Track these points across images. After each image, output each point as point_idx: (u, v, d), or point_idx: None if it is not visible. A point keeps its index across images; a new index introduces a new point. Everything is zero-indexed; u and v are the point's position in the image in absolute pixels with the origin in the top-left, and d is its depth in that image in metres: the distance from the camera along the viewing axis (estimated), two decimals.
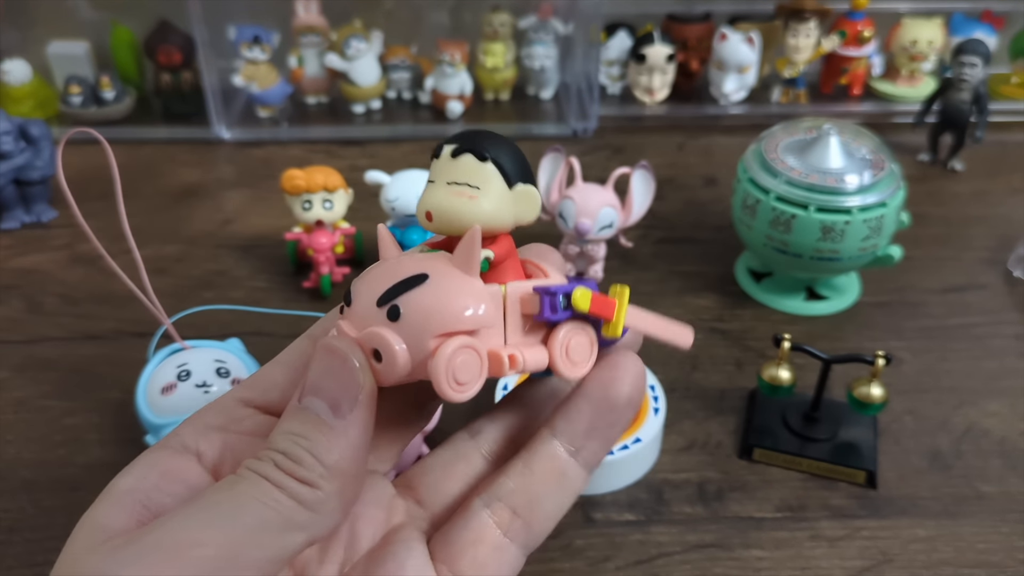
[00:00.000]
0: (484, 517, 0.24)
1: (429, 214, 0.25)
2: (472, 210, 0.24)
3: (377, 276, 0.24)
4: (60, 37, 0.81)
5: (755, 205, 0.53)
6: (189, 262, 0.61)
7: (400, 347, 0.23)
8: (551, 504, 0.25)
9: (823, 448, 0.45)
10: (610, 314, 0.25)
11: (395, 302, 0.23)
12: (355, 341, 0.23)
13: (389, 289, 0.23)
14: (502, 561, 0.24)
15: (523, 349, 0.24)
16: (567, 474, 0.25)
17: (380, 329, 0.23)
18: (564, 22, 0.81)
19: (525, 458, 0.25)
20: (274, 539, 0.21)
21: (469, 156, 0.24)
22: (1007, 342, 0.54)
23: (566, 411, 0.25)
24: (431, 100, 0.82)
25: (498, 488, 0.25)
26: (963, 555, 0.41)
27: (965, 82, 0.69)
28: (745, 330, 0.55)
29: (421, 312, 0.23)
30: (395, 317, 0.23)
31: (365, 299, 0.24)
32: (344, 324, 0.24)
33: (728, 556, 0.41)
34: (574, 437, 0.25)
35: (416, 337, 0.23)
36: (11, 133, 0.62)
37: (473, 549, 0.24)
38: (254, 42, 0.75)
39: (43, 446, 0.46)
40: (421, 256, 0.25)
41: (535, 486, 0.25)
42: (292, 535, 0.21)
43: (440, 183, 0.25)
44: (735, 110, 0.82)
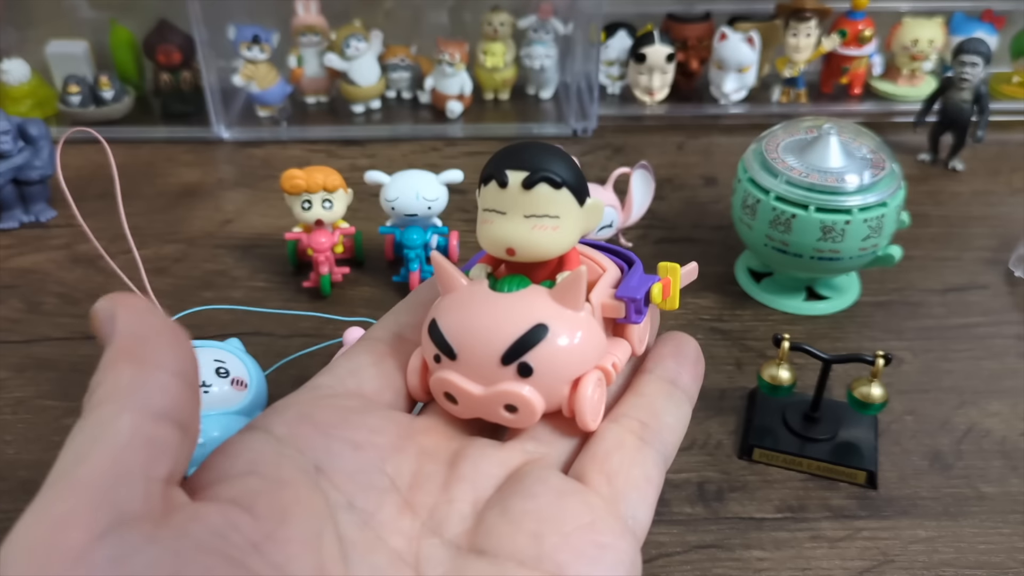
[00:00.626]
0: (616, 429, 0.25)
1: (512, 250, 0.25)
2: (558, 242, 0.25)
3: (480, 323, 0.24)
4: (59, 36, 0.81)
5: (755, 205, 0.53)
6: (188, 262, 0.61)
7: (538, 401, 0.24)
8: (671, 416, 0.26)
9: (823, 448, 0.45)
10: (669, 294, 0.27)
11: (524, 360, 0.24)
12: (483, 398, 0.24)
13: (513, 346, 0.24)
14: (648, 460, 0.25)
15: (617, 352, 0.26)
16: (674, 395, 0.27)
17: (515, 388, 0.24)
18: (564, 22, 0.81)
19: (633, 389, 0.27)
20: None
21: (544, 186, 0.24)
22: (1008, 342, 0.54)
23: (650, 359, 0.28)
24: (431, 100, 0.82)
25: (619, 410, 0.26)
26: (964, 556, 0.41)
27: (966, 82, 0.69)
28: (745, 330, 0.55)
29: (553, 366, 0.24)
30: (528, 374, 0.24)
31: (481, 355, 0.24)
32: (457, 379, 0.24)
33: (728, 556, 0.41)
34: (667, 371, 0.27)
35: (550, 387, 0.24)
36: (10, 133, 0.61)
37: (619, 451, 0.24)
38: (253, 42, 0.75)
39: (42, 446, 0.46)
40: (521, 298, 0.25)
41: (651, 403, 0.26)
42: None
43: (515, 215, 0.24)
44: (735, 110, 0.82)
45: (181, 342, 0.21)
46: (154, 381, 0.20)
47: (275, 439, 0.23)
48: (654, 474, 0.25)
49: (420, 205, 0.56)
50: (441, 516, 0.23)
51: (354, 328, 0.49)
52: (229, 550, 0.18)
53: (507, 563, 0.21)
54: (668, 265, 0.27)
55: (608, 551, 0.22)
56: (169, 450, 0.19)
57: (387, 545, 0.22)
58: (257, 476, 0.21)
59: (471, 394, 0.24)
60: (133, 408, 0.19)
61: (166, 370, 0.20)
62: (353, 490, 0.22)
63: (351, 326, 0.49)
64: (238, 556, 0.18)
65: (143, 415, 0.19)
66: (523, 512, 0.22)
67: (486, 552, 0.22)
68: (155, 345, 0.20)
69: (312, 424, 0.23)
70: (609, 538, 0.22)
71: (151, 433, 0.19)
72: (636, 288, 0.26)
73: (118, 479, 0.18)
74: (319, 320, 0.54)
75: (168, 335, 0.21)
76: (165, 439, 0.19)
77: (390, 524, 0.22)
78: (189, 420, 0.20)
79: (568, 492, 0.23)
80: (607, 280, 0.27)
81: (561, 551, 0.21)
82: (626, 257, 0.28)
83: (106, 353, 0.20)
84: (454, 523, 0.23)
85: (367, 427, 0.24)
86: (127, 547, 0.17)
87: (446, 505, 0.23)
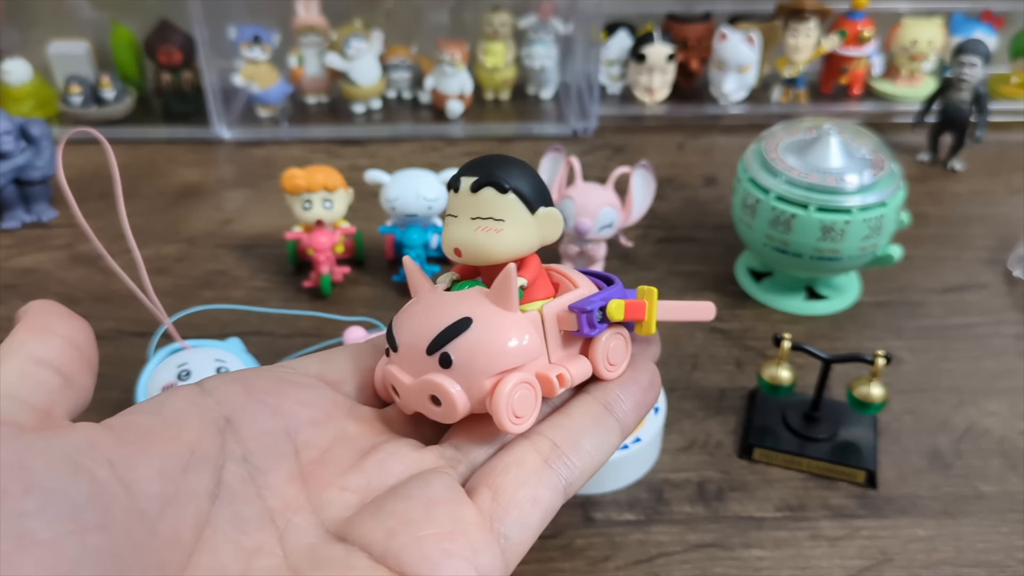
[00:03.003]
0: (525, 446, 0.25)
1: (458, 250, 0.26)
2: (499, 243, 0.25)
3: (418, 319, 0.25)
4: (60, 37, 0.81)
5: (755, 205, 0.53)
6: (189, 262, 0.61)
7: (458, 392, 0.24)
8: (590, 443, 0.26)
9: (823, 448, 0.45)
10: (642, 316, 0.27)
11: (445, 350, 0.24)
12: (412, 388, 0.25)
13: (437, 337, 0.24)
14: (542, 482, 0.24)
15: (568, 365, 0.26)
16: (603, 420, 0.27)
17: (436, 378, 0.24)
18: (564, 22, 0.81)
19: (563, 409, 0.27)
20: None
21: (489, 189, 0.25)
22: (1007, 342, 0.54)
23: (598, 384, 0.28)
24: (431, 100, 0.82)
25: (539, 427, 0.26)
26: (963, 555, 0.41)
27: (965, 82, 0.70)
28: (745, 330, 0.55)
29: (473, 357, 0.24)
30: (447, 364, 0.24)
31: (413, 346, 0.25)
32: (395, 370, 0.25)
33: (728, 556, 0.41)
34: (607, 395, 0.27)
35: (471, 380, 0.24)
36: (11, 133, 0.62)
37: (515, 468, 0.25)
38: (254, 42, 0.75)
39: None
40: (459, 296, 0.25)
41: (573, 424, 0.26)
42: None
43: (464, 218, 0.25)
44: (735, 110, 0.82)
45: (77, 321, 0.24)
46: (41, 339, 0.23)
47: (200, 390, 0.24)
48: (544, 497, 0.24)
49: (420, 205, 0.56)
50: (327, 499, 0.24)
51: (354, 328, 0.49)
52: (78, 457, 0.20)
53: (357, 553, 0.22)
54: (646, 289, 0.27)
55: (454, 559, 0.22)
56: (47, 388, 0.22)
57: (263, 502, 0.23)
58: (152, 415, 0.23)
59: (403, 384, 0.25)
60: (18, 355, 0.22)
61: (55, 333, 0.23)
62: (253, 447, 0.23)
63: (351, 326, 0.50)
64: (87, 464, 0.20)
65: (26, 359, 0.22)
66: (391, 511, 0.23)
67: (344, 540, 0.22)
68: (49, 319, 0.24)
69: (243, 384, 0.25)
70: (461, 549, 0.22)
71: (29, 371, 0.22)
72: (591, 300, 0.26)
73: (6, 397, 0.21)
74: (319, 320, 0.54)
75: (66, 315, 0.24)
76: (44, 378, 0.22)
77: (275, 487, 0.23)
78: (74, 373, 0.23)
79: (443, 501, 0.23)
80: (573, 295, 0.27)
81: (407, 551, 0.22)
82: (611, 281, 0.28)
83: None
84: (335, 508, 0.23)
85: (295, 398, 0.25)
86: None
87: (337, 491, 0.24)
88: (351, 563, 0.22)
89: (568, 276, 0.28)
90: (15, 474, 0.19)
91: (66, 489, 0.19)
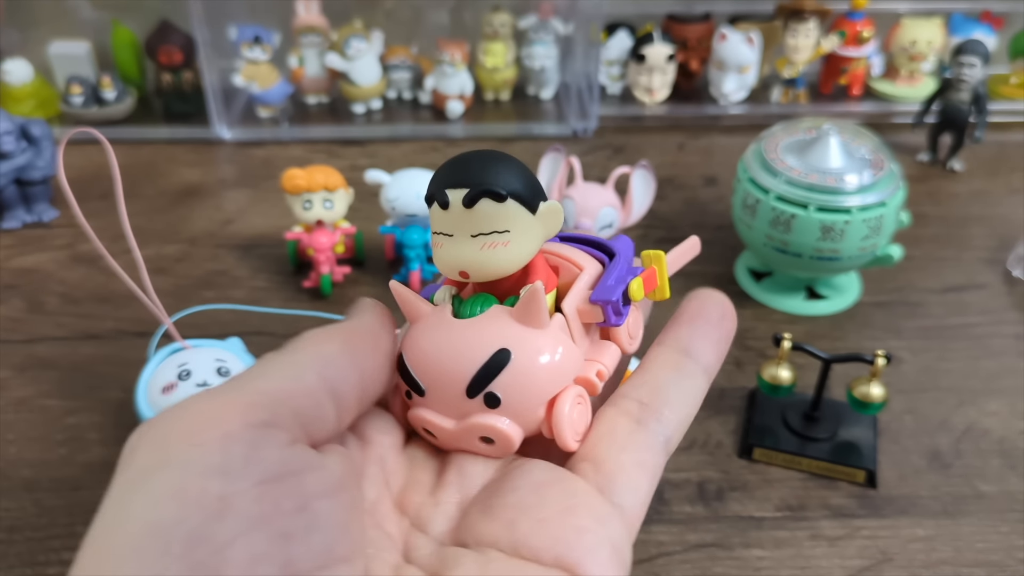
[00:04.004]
0: (612, 413, 0.24)
1: (464, 272, 0.23)
2: (510, 258, 0.23)
3: (441, 355, 0.23)
4: (61, 37, 0.81)
5: (755, 205, 0.53)
6: (189, 262, 0.61)
7: (512, 428, 0.23)
8: (677, 394, 0.25)
9: (823, 448, 0.45)
10: (656, 284, 0.25)
11: (490, 390, 0.23)
12: (456, 433, 0.23)
13: (476, 377, 0.22)
14: (640, 444, 0.23)
15: (600, 357, 0.24)
16: (684, 367, 0.25)
17: (485, 420, 0.23)
18: (564, 22, 0.81)
19: (641, 365, 0.25)
20: None
21: (486, 201, 0.22)
22: (1007, 342, 0.54)
23: (666, 328, 0.26)
24: (431, 100, 0.82)
25: (621, 390, 0.25)
26: (962, 554, 0.41)
27: (964, 82, 0.70)
28: (745, 330, 0.55)
29: (521, 391, 0.23)
30: (495, 404, 0.23)
31: (446, 388, 0.23)
32: (430, 415, 0.23)
33: (728, 555, 0.41)
34: (680, 340, 0.26)
35: (522, 413, 0.23)
36: (12, 133, 0.62)
37: (609, 437, 0.23)
38: (255, 42, 0.76)
39: (44, 445, 0.46)
40: (481, 322, 0.23)
41: (655, 379, 0.25)
42: None
43: (462, 237, 0.23)
44: (735, 110, 0.82)
45: (383, 346, 0.23)
46: (346, 367, 0.22)
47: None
48: (647, 457, 0.23)
49: (420, 205, 0.56)
50: (426, 516, 0.23)
51: None
52: (350, 487, 0.21)
53: (488, 551, 0.21)
54: (652, 253, 0.26)
55: (586, 534, 0.21)
56: (322, 423, 0.21)
57: (382, 528, 0.22)
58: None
59: (444, 429, 0.23)
60: (322, 370, 0.22)
61: (357, 364, 0.22)
62: (361, 480, 0.23)
63: None
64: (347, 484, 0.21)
65: (324, 382, 0.21)
66: (502, 505, 0.22)
67: (467, 544, 0.22)
68: (367, 343, 0.23)
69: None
70: (588, 522, 0.21)
71: (320, 401, 0.21)
72: (612, 288, 0.24)
73: (283, 405, 0.20)
74: (320, 320, 0.54)
75: (375, 337, 0.23)
76: (325, 414, 0.21)
77: (387, 514, 0.23)
78: (345, 407, 0.22)
79: (550, 482, 0.22)
80: (584, 282, 0.25)
81: (535, 536, 0.21)
82: (608, 248, 0.26)
83: (350, 319, 0.24)
84: (439, 522, 0.23)
85: (374, 427, 0.25)
86: (268, 440, 0.19)
87: (432, 507, 0.23)
88: (487, 563, 0.21)
89: (567, 257, 0.25)
90: (291, 489, 0.19)
91: (331, 513, 0.20)
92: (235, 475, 0.18)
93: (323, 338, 0.22)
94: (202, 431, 0.19)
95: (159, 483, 0.18)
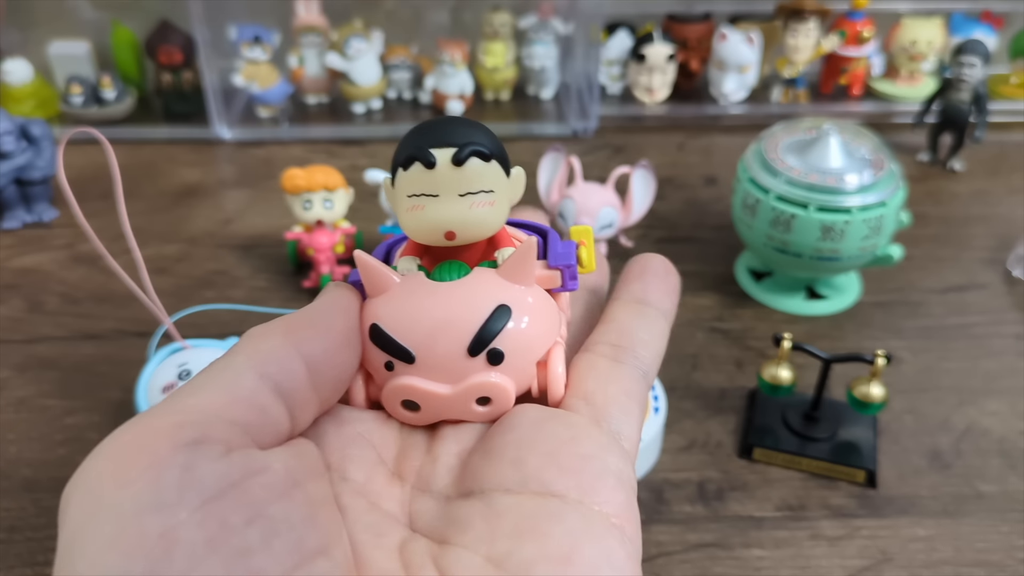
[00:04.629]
0: (588, 357, 0.24)
1: (451, 233, 0.23)
2: (496, 217, 0.23)
3: (431, 317, 0.22)
4: (61, 37, 0.81)
5: (755, 205, 0.53)
6: (189, 262, 0.61)
7: (512, 387, 0.23)
8: (644, 332, 0.25)
9: (823, 448, 0.45)
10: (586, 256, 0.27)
11: (494, 347, 0.22)
12: (451, 397, 0.23)
13: (479, 334, 0.22)
14: (624, 377, 0.24)
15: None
16: (643, 311, 0.26)
17: (489, 378, 0.23)
18: (564, 22, 0.81)
19: (602, 318, 0.26)
20: None
21: (475, 160, 0.22)
22: (1007, 342, 0.54)
23: (617, 286, 0.27)
24: (431, 100, 0.82)
25: (589, 340, 0.25)
26: (962, 554, 0.41)
27: (964, 82, 0.70)
28: (745, 330, 0.55)
29: (523, 346, 0.23)
30: (499, 361, 0.22)
31: (444, 351, 0.22)
32: (421, 383, 0.23)
33: (728, 555, 0.41)
34: (632, 292, 0.27)
35: (520, 370, 0.23)
36: (12, 133, 0.62)
37: (592, 374, 0.24)
38: (255, 42, 0.75)
39: (44, 445, 0.46)
40: (469, 282, 0.23)
41: (619, 324, 0.25)
42: None
43: (450, 196, 0.22)
44: (735, 110, 0.82)
45: (334, 337, 0.22)
46: (287, 359, 0.21)
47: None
48: (634, 388, 0.24)
49: None
50: (427, 474, 0.23)
51: None
52: (306, 481, 0.20)
53: (493, 494, 0.21)
54: (580, 228, 0.27)
55: (593, 461, 0.21)
56: (268, 425, 0.20)
57: (380, 509, 0.22)
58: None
59: (438, 396, 0.23)
60: (262, 368, 0.21)
61: (297, 349, 0.21)
62: (342, 465, 0.22)
63: None
64: (300, 479, 0.20)
65: (265, 380, 0.21)
66: (503, 444, 0.22)
67: (473, 492, 0.22)
68: (309, 330, 0.22)
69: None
70: (593, 450, 0.22)
71: (262, 403, 0.20)
72: (567, 254, 0.25)
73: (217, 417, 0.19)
74: None
75: (340, 317, 0.22)
76: (270, 414, 0.21)
77: (382, 492, 0.22)
78: (297, 404, 0.21)
79: (546, 418, 0.23)
80: (523, 250, 0.25)
81: (544, 469, 0.21)
82: (536, 228, 0.27)
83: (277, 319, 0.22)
84: (441, 476, 0.23)
85: (347, 408, 0.24)
86: (201, 458, 0.18)
87: (431, 464, 0.23)
88: (494, 506, 0.21)
89: (514, 233, 0.26)
90: (235, 501, 0.18)
91: (288, 514, 0.19)
92: (172, 506, 0.17)
93: (262, 334, 0.22)
94: (129, 467, 0.18)
95: (95, 536, 0.17)
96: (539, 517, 0.20)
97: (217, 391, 0.20)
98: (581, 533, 0.20)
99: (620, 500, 0.21)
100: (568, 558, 0.20)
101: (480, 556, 0.20)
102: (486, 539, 0.20)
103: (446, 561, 0.20)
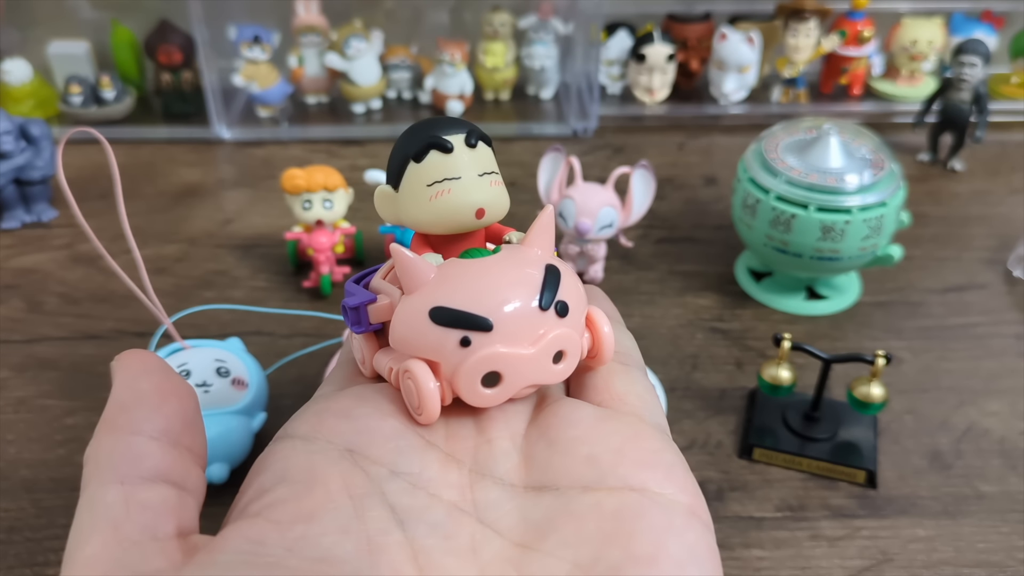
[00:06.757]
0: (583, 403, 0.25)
1: (482, 210, 0.24)
2: (506, 195, 0.25)
3: (501, 282, 0.23)
4: (60, 37, 0.81)
5: (755, 205, 0.53)
6: (189, 262, 0.61)
7: (580, 340, 0.24)
8: (626, 339, 0.28)
9: (823, 448, 0.45)
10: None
11: (560, 299, 0.23)
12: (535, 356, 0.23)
13: (545, 289, 0.23)
14: (640, 379, 0.26)
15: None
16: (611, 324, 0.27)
17: (564, 330, 0.23)
18: (564, 22, 0.81)
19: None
20: None
21: (482, 143, 0.24)
22: (1007, 342, 0.54)
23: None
24: (431, 100, 0.82)
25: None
26: (963, 555, 0.41)
27: (965, 82, 0.70)
28: (745, 330, 0.55)
29: (576, 301, 0.24)
30: (565, 312, 0.23)
31: (522, 310, 0.22)
32: (505, 348, 0.22)
33: (728, 556, 0.41)
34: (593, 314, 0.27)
35: (579, 325, 0.24)
36: (11, 133, 0.62)
37: (615, 377, 0.25)
38: (254, 42, 0.75)
39: (43, 446, 0.46)
40: (506, 255, 0.24)
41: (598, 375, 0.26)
42: None
43: (470, 177, 0.23)
44: (735, 110, 0.82)
45: (166, 401, 0.22)
46: (134, 449, 0.21)
47: (301, 439, 0.23)
48: (649, 387, 0.25)
49: None
50: (484, 456, 0.23)
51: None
52: (260, 560, 0.19)
53: (571, 491, 0.21)
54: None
55: (662, 454, 0.22)
56: (168, 508, 0.21)
57: (441, 500, 0.21)
58: (287, 483, 0.21)
59: (523, 357, 0.22)
60: (120, 479, 0.21)
61: (144, 435, 0.21)
62: (392, 458, 0.22)
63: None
64: (273, 561, 0.19)
65: (132, 484, 0.21)
66: (570, 440, 0.22)
67: (547, 486, 0.21)
68: (135, 412, 0.22)
69: (332, 414, 0.23)
70: (657, 444, 0.23)
71: (143, 499, 0.20)
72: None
73: (124, 552, 0.19)
74: (319, 320, 0.54)
75: (152, 397, 0.22)
76: (161, 500, 0.21)
77: (438, 479, 0.22)
78: (182, 477, 0.21)
79: (603, 415, 0.23)
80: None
81: (620, 465, 0.22)
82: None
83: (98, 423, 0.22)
84: (499, 461, 0.22)
85: (387, 399, 0.24)
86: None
87: (486, 445, 0.23)
88: (573, 506, 0.21)
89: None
90: None
91: None
92: None
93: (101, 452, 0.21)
94: None
95: None
96: (622, 516, 0.20)
97: (104, 530, 0.20)
98: (664, 529, 0.21)
99: (693, 488, 0.22)
100: (654, 558, 0.20)
101: (567, 563, 0.20)
102: (571, 543, 0.20)
103: (530, 570, 0.20)
